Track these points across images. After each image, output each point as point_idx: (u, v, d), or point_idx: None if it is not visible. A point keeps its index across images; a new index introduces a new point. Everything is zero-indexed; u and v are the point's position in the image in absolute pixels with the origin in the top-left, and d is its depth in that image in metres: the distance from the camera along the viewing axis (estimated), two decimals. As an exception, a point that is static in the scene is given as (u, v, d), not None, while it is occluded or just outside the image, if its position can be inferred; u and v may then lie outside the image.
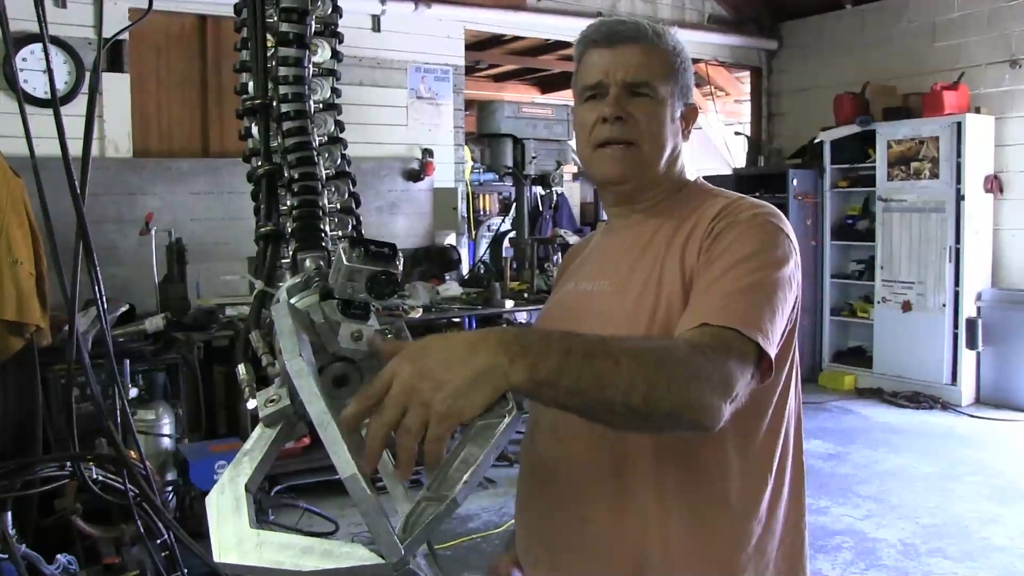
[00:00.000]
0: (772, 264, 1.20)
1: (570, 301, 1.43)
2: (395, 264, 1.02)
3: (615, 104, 1.32)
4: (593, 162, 1.38)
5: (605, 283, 1.37)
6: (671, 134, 1.36)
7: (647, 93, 1.33)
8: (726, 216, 1.26)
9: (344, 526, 4.29)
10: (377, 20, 6.07)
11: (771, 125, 8.35)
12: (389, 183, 6.19)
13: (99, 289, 2.39)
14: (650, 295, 1.28)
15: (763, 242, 1.22)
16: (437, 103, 6.41)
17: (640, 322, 1.27)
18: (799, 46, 8.07)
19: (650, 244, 1.34)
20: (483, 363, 0.88)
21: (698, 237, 1.27)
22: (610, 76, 1.33)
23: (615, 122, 1.32)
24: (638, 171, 1.35)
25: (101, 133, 4.99)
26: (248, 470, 0.94)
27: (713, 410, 1.02)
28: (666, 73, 1.35)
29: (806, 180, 7.42)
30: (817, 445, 5.70)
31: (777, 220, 1.27)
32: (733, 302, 1.14)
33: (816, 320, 7.56)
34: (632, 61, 1.33)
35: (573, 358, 0.93)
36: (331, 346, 1.00)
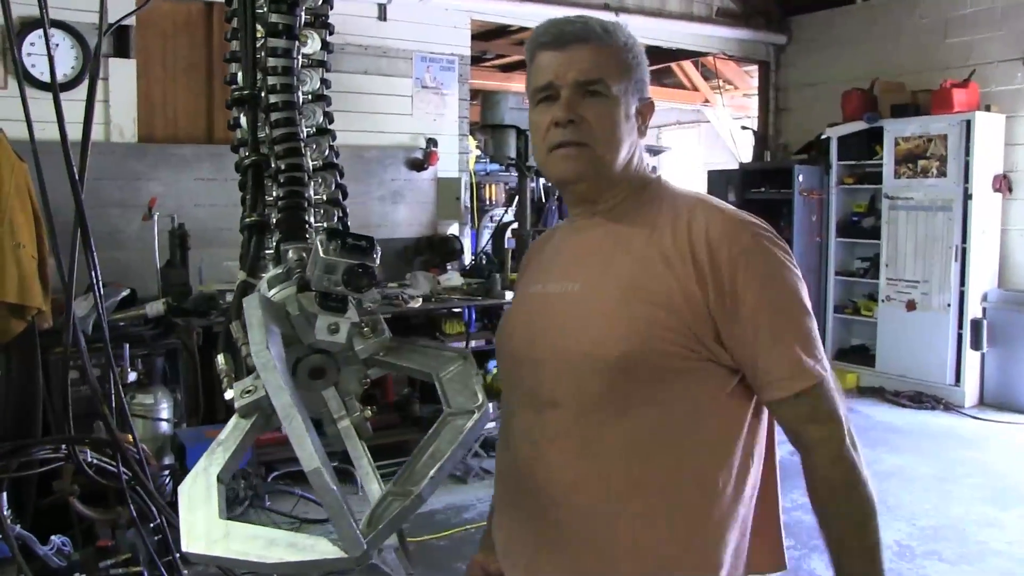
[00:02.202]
0: (800, 292, 1.29)
1: (537, 304, 1.41)
2: (372, 257, 1.02)
3: (566, 107, 1.32)
4: (548, 164, 1.38)
5: (574, 285, 1.36)
6: (626, 132, 1.36)
7: (600, 91, 1.32)
8: (725, 243, 1.26)
9: (341, 514, 4.31)
10: (383, 9, 6.05)
11: (778, 120, 8.31)
12: (393, 172, 6.18)
13: (96, 274, 2.41)
14: (629, 301, 1.27)
15: (784, 275, 1.28)
16: (442, 93, 6.39)
17: (617, 327, 1.27)
18: (808, 40, 8.02)
19: (619, 246, 1.34)
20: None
21: (685, 257, 1.26)
22: (560, 78, 1.33)
23: (567, 125, 1.32)
24: (592, 171, 1.35)
25: (107, 118, 5.00)
26: (221, 460, 0.95)
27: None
28: (618, 70, 1.34)
29: (812, 176, 7.38)
30: (816, 442, 5.68)
31: (769, 232, 1.31)
32: (807, 354, 1.25)
33: (819, 317, 7.53)
34: (582, 61, 1.32)
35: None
36: (307, 338, 1.00)
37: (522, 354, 1.37)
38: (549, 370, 1.30)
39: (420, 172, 6.28)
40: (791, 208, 7.31)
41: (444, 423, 0.87)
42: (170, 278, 4.51)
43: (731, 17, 7.77)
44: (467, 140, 6.67)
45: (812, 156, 7.60)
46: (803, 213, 7.31)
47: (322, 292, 1.02)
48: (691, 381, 1.27)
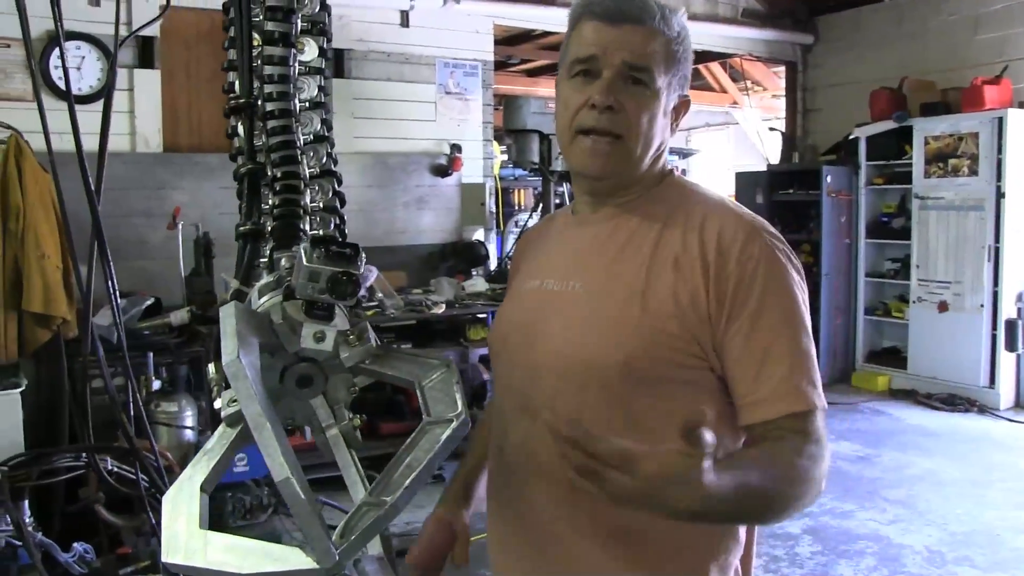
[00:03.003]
0: (802, 312, 1.21)
1: (534, 302, 1.33)
2: (356, 265, 1.02)
3: (607, 90, 1.21)
4: (572, 150, 1.28)
5: (576, 284, 1.28)
6: (660, 129, 1.27)
7: (644, 81, 1.23)
8: (736, 249, 1.19)
9: (364, 520, 4.32)
10: (405, 15, 6.07)
11: (806, 121, 8.22)
12: (417, 178, 6.20)
13: (112, 284, 2.43)
14: (635, 305, 1.20)
15: (790, 289, 1.20)
16: (466, 98, 6.40)
17: (621, 333, 1.20)
18: (835, 40, 7.92)
19: (628, 245, 1.26)
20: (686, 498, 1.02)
21: (695, 260, 1.19)
22: (607, 55, 1.22)
23: (604, 111, 1.21)
24: (620, 168, 1.27)
25: (132, 128, 5.06)
26: (205, 470, 0.95)
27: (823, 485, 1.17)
28: (667, 62, 1.24)
29: (840, 177, 7.29)
30: (845, 447, 5.60)
31: (784, 246, 1.24)
32: (800, 377, 1.16)
33: (850, 319, 7.44)
34: (635, 44, 1.22)
35: (736, 503, 1.05)
36: (291, 346, 1.00)
37: (519, 358, 1.30)
38: (547, 377, 1.24)
39: (444, 178, 6.28)
40: (819, 209, 7.21)
41: (423, 432, 0.86)
42: (195, 286, 4.55)
43: (757, 18, 7.70)
44: (491, 145, 6.67)
45: (840, 157, 7.51)
46: (831, 214, 7.21)
47: (308, 300, 1.01)
48: (695, 391, 1.21)
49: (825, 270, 7.23)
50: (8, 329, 3.42)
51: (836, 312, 7.35)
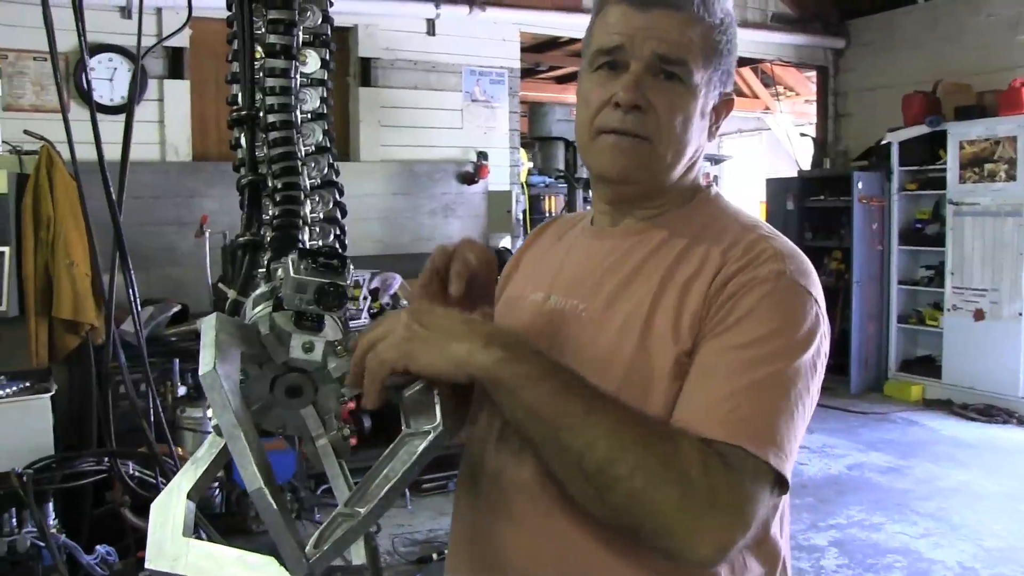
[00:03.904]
0: (795, 348, 0.97)
1: (532, 318, 1.16)
2: (343, 276, 1.02)
3: (633, 86, 1.05)
4: (592, 151, 1.11)
5: (580, 305, 1.11)
6: (696, 132, 1.09)
7: (678, 75, 1.05)
8: (744, 266, 1.01)
9: (387, 527, 4.33)
10: (432, 24, 6.12)
11: (837, 126, 8.13)
12: (443, 186, 6.23)
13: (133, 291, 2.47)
14: (631, 339, 1.03)
15: (786, 317, 0.98)
16: (492, 106, 6.42)
17: (614, 369, 1.02)
18: (867, 44, 7.83)
19: (642, 268, 1.09)
20: (462, 334, 0.91)
21: (705, 279, 1.02)
22: (635, 46, 1.05)
23: (630, 111, 1.05)
24: (646, 173, 1.09)
25: (162, 138, 5.15)
26: (193, 478, 0.96)
27: (702, 536, 0.86)
28: (706, 54, 1.07)
29: (872, 183, 7.20)
30: (876, 458, 5.53)
31: (805, 279, 1.02)
32: (744, 405, 0.93)
33: (882, 327, 7.33)
34: (667, 31, 1.05)
35: (548, 381, 0.89)
36: (278, 357, 1.00)
37: None
38: None
39: (471, 186, 6.31)
40: (850, 216, 7.13)
41: (401, 443, 0.86)
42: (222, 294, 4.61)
43: (786, 22, 7.64)
44: (518, 153, 6.68)
45: (872, 162, 7.42)
46: (863, 221, 7.13)
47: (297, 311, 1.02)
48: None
49: (856, 277, 7.14)
50: (39, 335, 3.47)
51: (868, 320, 7.25)
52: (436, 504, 4.55)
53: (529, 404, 0.89)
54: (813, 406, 1.01)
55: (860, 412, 6.64)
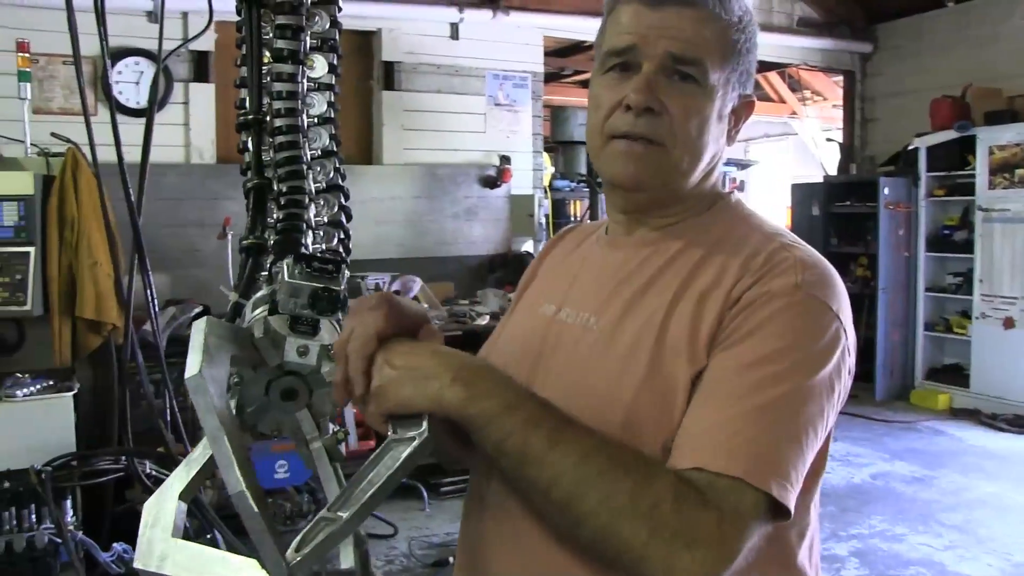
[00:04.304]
0: (806, 367, 0.91)
1: (542, 332, 1.11)
2: (338, 281, 1.02)
3: (646, 88, 1.00)
4: (603, 157, 1.06)
5: (592, 319, 1.06)
6: (714, 137, 1.05)
7: (693, 76, 1.01)
8: (760, 278, 0.96)
9: (404, 530, 4.34)
10: (455, 28, 6.13)
11: (864, 131, 8.04)
12: (466, 190, 6.24)
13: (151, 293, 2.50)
14: (644, 353, 0.98)
15: (800, 333, 0.93)
16: (515, 110, 6.43)
17: (625, 386, 0.97)
18: (895, 48, 7.74)
19: (656, 280, 1.04)
20: (431, 369, 0.88)
21: (723, 291, 0.97)
22: (647, 45, 1.01)
23: (642, 114, 1.00)
24: (659, 180, 1.05)
25: (187, 140, 5.21)
26: (185, 479, 0.97)
27: (678, 572, 0.82)
28: (723, 53, 1.02)
29: (899, 188, 7.12)
30: (901, 467, 5.45)
31: (824, 291, 0.96)
32: (744, 431, 0.87)
33: (908, 335, 7.24)
34: (681, 29, 1.00)
35: (512, 415, 0.86)
36: (272, 360, 1.01)
37: None
38: None
39: (493, 189, 6.32)
40: (876, 222, 7.05)
41: (387, 449, 0.86)
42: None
43: (813, 27, 7.58)
44: (541, 157, 6.68)
45: (899, 168, 7.33)
46: (889, 227, 7.05)
47: (292, 315, 1.02)
48: None
49: (882, 284, 7.06)
50: (63, 334, 3.52)
51: (894, 327, 7.16)
52: (454, 507, 4.56)
53: (496, 440, 0.86)
54: (829, 427, 0.96)
55: (885, 420, 6.56)
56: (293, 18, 1.36)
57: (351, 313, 0.95)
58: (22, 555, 2.30)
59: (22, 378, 3.28)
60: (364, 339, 0.91)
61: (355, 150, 6.11)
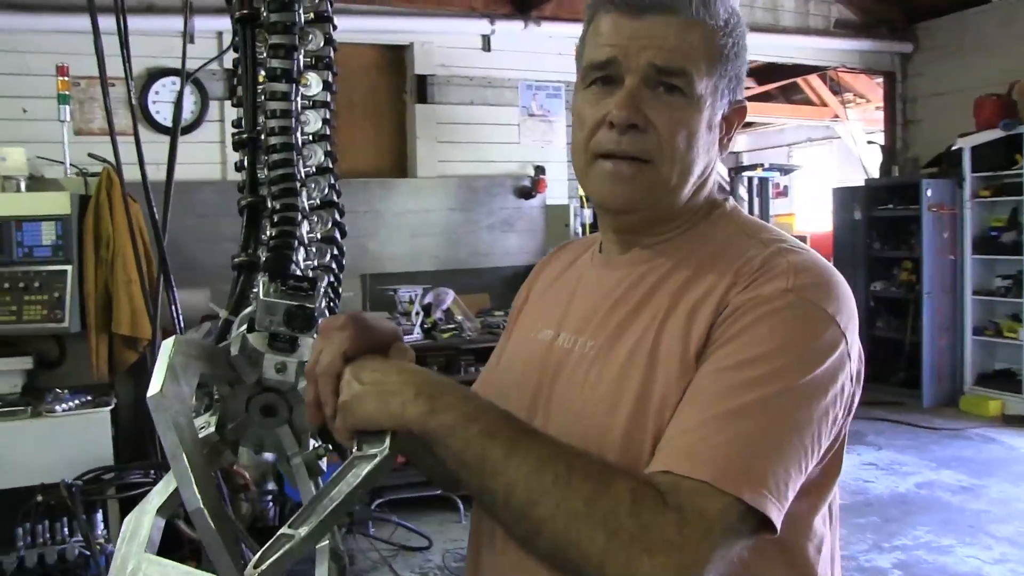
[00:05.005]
0: (794, 370, 0.87)
1: (545, 358, 1.08)
2: (312, 299, 1.03)
3: (629, 103, 0.96)
4: (589, 178, 1.02)
5: (588, 343, 1.03)
6: (704, 148, 1.00)
7: (679, 87, 0.97)
8: (750, 283, 0.93)
9: (439, 542, 4.35)
10: (487, 39, 6.16)
11: (906, 132, 7.88)
12: (501, 201, 6.25)
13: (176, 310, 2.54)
14: (637, 369, 0.95)
15: (788, 337, 0.89)
16: (549, 120, 6.43)
17: (620, 410, 0.95)
18: (937, 47, 7.58)
19: (651, 296, 1.01)
20: (394, 386, 0.88)
21: (714, 300, 0.94)
22: (629, 57, 0.97)
23: (627, 131, 0.96)
24: (650, 199, 1.01)
25: (223, 158, 5.30)
26: (164, 495, 0.98)
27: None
28: (710, 61, 0.98)
29: (942, 190, 6.97)
30: (948, 476, 5.31)
31: (818, 294, 0.92)
32: (716, 434, 0.84)
33: (956, 340, 7.06)
34: (664, 38, 0.96)
35: (471, 427, 0.85)
36: (249, 377, 1.02)
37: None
38: None
39: (528, 200, 6.32)
40: (918, 225, 6.91)
41: (350, 466, 0.86)
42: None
43: (851, 28, 7.45)
44: (576, 166, 6.66)
45: (943, 169, 7.17)
46: (933, 230, 6.91)
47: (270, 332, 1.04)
48: None
49: (927, 288, 6.91)
50: (100, 350, 3.61)
51: (940, 332, 7.00)
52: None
53: (456, 452, 0.85)
54: (831, 435, 0.91)
55: (932, 428, 6.39)
56: (286, 38, 1.38)
57: (320, 334, 0.96)
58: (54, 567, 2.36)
59: (62, 393, 3.37)
60: (331, 359, 0.91)
61: (390, 164, 6.16)
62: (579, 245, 1.26)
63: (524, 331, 1.19)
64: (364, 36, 5.80)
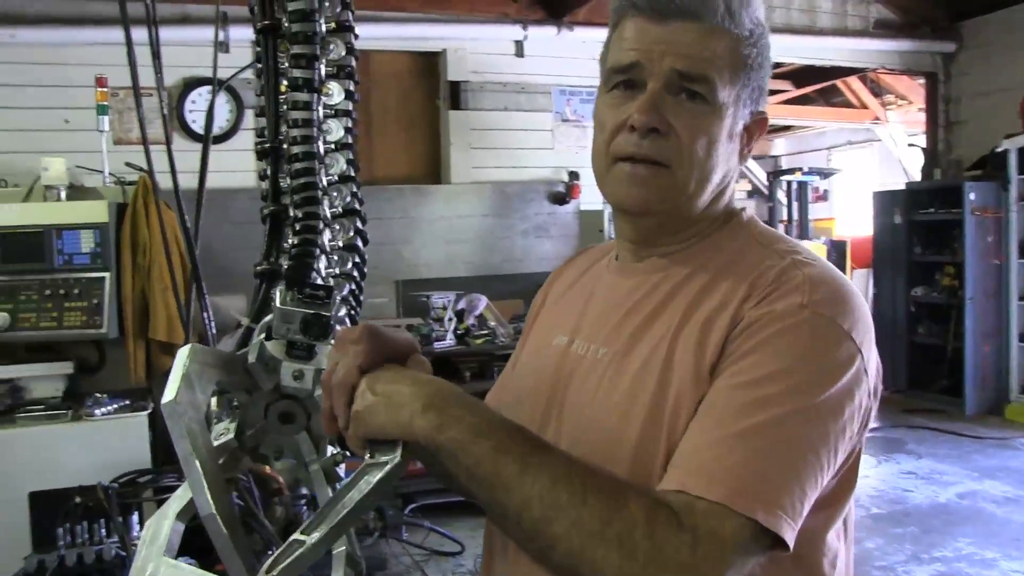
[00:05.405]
0: (808, 388, 0.87)
1: (560, 365, 1.09)
2: (328, 307, 1.04)
3: (650, 108, 0.96)
4: (608, 181, 1.03)
5: (602, 350, 1.03)
6: (724, 157, 1.01)
7: (701, 94, 0.97)
8: (765, 297, 0.93)
9: (471, 547, 4.35)
10: (520, 45, 6.17)
11: (949, 134, 7.72)
12: (535, 207, 6.25)
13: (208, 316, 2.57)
14: (650, 380, 0.96)
15: (802, 354, 0.89)
16: (583, 125, 6.40)
17: (633, 419, 0.95)
18: (981, 46, 7.40)
19: (665, 306, 1.01)
20: (405, 397, 0.88)
21: (729, 312, 0.94)
22: (652, 61, 0.97)
23: (647, 135, 0.97)
24: (667, 204, 1.01)
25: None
26: (183, 501, 1.00)
27: None
28: (733, 69, 0.99)
29: (986, 193, 6.81)
30: (992, 487, 5.19)
31: (833, 310, 0.91)
32: (730, 454, 0.84)
33: (1001, 346, 6.89)
34: (687, 45, 0.97)
35: (482, 442, 0.85)
36: (266, 384, 1.03)
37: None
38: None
39: (563, 205, 6.31)
40: (961, 229, 6.78)
41: (362, 473, 0.87)
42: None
43: (891, 28, 7.34)
44: (610, 171, 6.64)
45: (987, 172, 7.02)
46: (976, 234, 6.76)
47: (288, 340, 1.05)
48: None
49: (970, 293, 6.77)
50: (137, 355, 3.68)
51: (984, 339, 6.84)
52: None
53: (467, 467, 0.85)
54: (846, 451, 0.91)
55: (976, 437, 6.25)
56: (308, 47, 1.40)
57: (335, 346, 0.96)
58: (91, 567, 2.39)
59: (101, 398, 3.44)
60: (346, 372, 0.92)
61: (424, 170, 6.20)
62: (595, 252, 1.26)
63: (539, 337, 1.20)
64: (397, 43, 5.84)
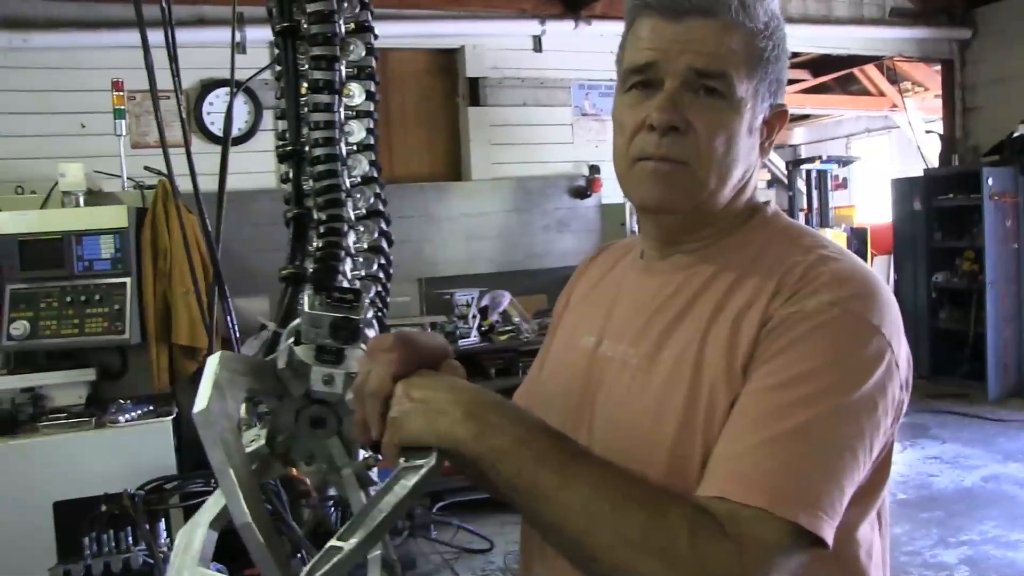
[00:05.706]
0: (843, 386, 0.87)
1: (589, 366, 1.08)
2: (357, 311, 1.03)
3: (668, 106, 0.96)
4: (629, 180, 1.03)
5: (630, 351, 1.03)
6: (744, 152, 1.00)
7: (719, 90, 0.97)
8: (793, 295, 0.92)
9: (500, 544, 4.35)
10: (538, 40, 6.13)
11: (966, 120, 7.65)
12: (556, 201, 6.22)
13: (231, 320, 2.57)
14: (681, 385, 0.95)
15: (834, 352, 0.88)
16: (603, 119, 6.36)
17: (666, 423, 0.94)
18: (997, 33, 7.31)
19: (692, 306, 1.00)
20: (443, 404, 0.88)
21: (758, 310, 0.93)
22: (669, 60, 0.97)
23: (666, 133, 0.97)
24: (688, 201, 1.01)
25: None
26: (216, 509, 0.99)
27: None
28: (750, 63, 0.98)
29: (1004, 178, 6.77)
30: (1016, 469, 5.15)
31: (863, 306, 0.91)
32: (769, 459, 0.84)
33: (1022, 329, 6.85)
34: (703, 42, 0.97)
35: (522, 451, 0.84)
36: (296, 390, 1.03)
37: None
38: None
39: (583, 200, 6.27)
40: (980, 215, 6.73)
41: (397, 477, 0.86)
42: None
43: (907, 16, 7.26)
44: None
45: (1004, 157, 6.97)
46: (995, 219, 6.73)
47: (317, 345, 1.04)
48: None
49: (990, 278, 6.73)
50: (160, 360, 3.69)
51: (1006, 323, 6.80)
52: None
53: (507, 478, 0.85)
54: (881, 446, 0.91)
55: (999, 420, 6.20)
56: (327, 49, 1.39)
57: (367, 354, 0.95)
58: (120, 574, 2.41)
59: (124, 403, 3.44)
60: (379, 381, 0.91)
61: (444, 167, 6.19)
62: (619, 248, 1.25)
63: (566, 337, 1.19)
64: (415, 41, 5.83)
